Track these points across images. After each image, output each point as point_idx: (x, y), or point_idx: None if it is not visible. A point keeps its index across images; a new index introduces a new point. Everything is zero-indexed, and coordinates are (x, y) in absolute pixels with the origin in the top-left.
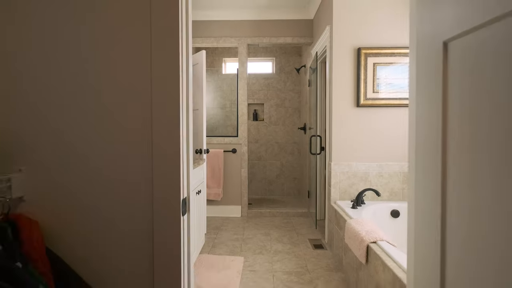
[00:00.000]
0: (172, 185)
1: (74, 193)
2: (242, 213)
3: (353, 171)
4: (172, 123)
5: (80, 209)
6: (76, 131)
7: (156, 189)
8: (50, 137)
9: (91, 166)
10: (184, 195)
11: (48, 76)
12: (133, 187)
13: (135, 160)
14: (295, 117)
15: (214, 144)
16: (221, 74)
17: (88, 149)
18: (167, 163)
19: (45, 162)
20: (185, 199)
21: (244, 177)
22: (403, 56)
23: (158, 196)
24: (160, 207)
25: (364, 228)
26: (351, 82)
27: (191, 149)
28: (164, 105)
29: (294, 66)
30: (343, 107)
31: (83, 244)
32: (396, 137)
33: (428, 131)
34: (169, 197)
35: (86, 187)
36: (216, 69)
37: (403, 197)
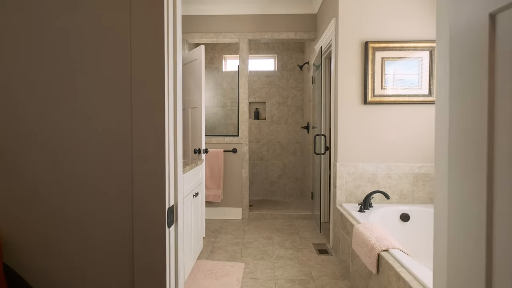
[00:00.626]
0: (155, 191)
1: (40, 199)
2: (242, 215)
3: (360, 172)
4: (155, 121)
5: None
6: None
7: (137, 196)
8: (16, 138)
9: (60, 166)
10: (171, 203)
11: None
12: (110, 194)
13: (112, 162)
14: (297, 116)
15: (214, 143)
16: (221, 72)
17: (55, 147)
18: (149, 166)
19: (8, 163)
20: (172, 207)
21: (245, 178)
22: (413, 50)
23: (139, 205)
24: (141, 217)
25: (374, 234)
26: (358, 78)
27: (179, 150)
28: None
29: (297, 63)
30: (350, 105)
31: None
32: (406, 136)
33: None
34: (152, 206)
35: (54, 191)
36: (216, 66)
37: (412, 200)
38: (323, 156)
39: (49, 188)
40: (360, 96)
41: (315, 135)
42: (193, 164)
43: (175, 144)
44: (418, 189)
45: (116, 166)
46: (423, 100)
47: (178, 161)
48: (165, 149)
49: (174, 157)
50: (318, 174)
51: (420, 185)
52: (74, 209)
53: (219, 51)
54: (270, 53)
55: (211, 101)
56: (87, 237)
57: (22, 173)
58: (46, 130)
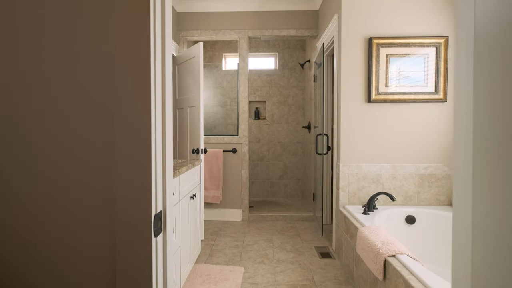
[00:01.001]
0: (140, 196)
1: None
2: (242, 216)
3: (364, 172)
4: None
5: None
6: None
7: (120, 202)
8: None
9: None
10: (159, 209)
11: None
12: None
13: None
14: (299, 115)
15: (213, 143)
16: (221, 70)
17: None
18: (133, 168)
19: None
20: (160, 214)
21: (245, 178)
22: (419, 47)
23: (121, 212)
24: (123, 225)
25: (379, 238)
26: (361, 75)
27: (169, 151)
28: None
29: (298, 61)
30: (353, 103)
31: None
32: (411, 135)
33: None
34: (136, 213)
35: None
36: (216, 65)
37: (418, 202)
38: (325, 156)
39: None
40: (364, 94)
41: (317, 135)
42: (190, 165)
43: (163, 144)
44: (424, 190)
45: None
46: (429, 98)
47: (167, 163)
48: (151, 150)
49: (163, 158)
50: (320, 174)
51: (426, 186)
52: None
53: (219, 49)
54: (271, 51)
55: (211, 100)
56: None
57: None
58: (25, 129)
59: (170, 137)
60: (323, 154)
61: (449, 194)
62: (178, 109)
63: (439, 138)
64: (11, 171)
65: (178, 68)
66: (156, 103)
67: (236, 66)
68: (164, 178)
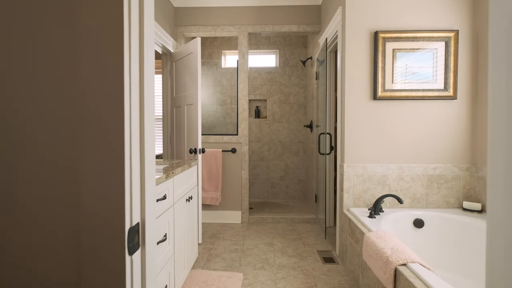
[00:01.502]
0: (109, 205)
1: None
2: (242, 219)
3: (369, 173)
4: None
5: None
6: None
7: (86, 214)
8: None
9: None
10: (135, 221)
11: None
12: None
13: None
14: (300, 114)
15: (212, 143)
16: (220, 68)
17: None
18: (101, 172)
19: None
20: (137, 226)
21: (245, 179)
22: (427, 41)
23: (87, 227)
24: (90, 242)
25: (388, 244)
26: (366, 71)
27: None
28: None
29: (299, 59)
30: (358, 101)
31: None
32: (419, 134)
33: None
34: (105, 226)
35: None
36: (215, 62)
37: (426, 204)
38: (328, 157)
39: None
40: (369, 91)
41: (320, 134)
42: (185, 166)
43: (141, 143)
44: (433, 192)
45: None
46: (438, 95)
47: (147, 166)
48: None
49: (141, 160)
50: (322, 175)
51: (435, 188)
52: None
53: (218, 47)
54: (271, 48)
55: (210, 99)
56: None
57: None
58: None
59: (150, 135)
60: (326, 154)
61: (459, 196)
62: (175, 108)
63: (448, 137)
64: None
65: (175, 65)
66: (132, 94)
67: (235, 64)
68: (142, 183)
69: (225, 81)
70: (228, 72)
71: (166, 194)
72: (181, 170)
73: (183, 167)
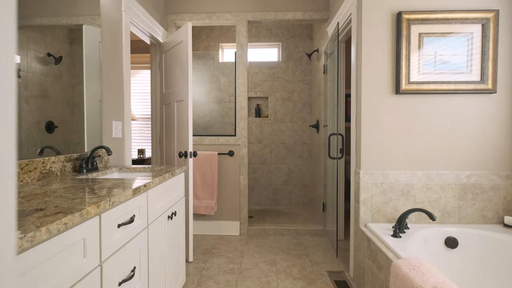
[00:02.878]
0: None
1: None
2: (241, 230)
3: (390, 182)
4: None
5: None
6: None
7: None
8: None
9: None
10: None
11: None
12: None
13: None
14: (305, 113)
15: (207, 145)
16: (217, 63)
17: None
18: None
19: None
20: None
21: (244, 185)
22: (461, 23)
23: None
24: None
25: (429, 281)
26: (387, 60)
27: None
28: None
29: (304, 52)
30: (377, 95)
31: None
32: (451, 135)
33: None
34: None
35: None
36: (212, 56)
37: (459, 219)
38: (339, 161)
39: None
40: (391, 84)
41: (330, 135)
42: (167, 175)
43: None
44: (467, 204)
45: None
46: (473, 88)
47: None
48: None
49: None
50: (332, 182)
51: (469, 199)
52: None
53: (215, 39)
54: (273, 41)
55: (206, 97)
56: None
57: None
58: None
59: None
60: (337, 159)
61: (498, 210)
62: (165, 105)
63: (485, 139)
64: None
65: (164, 56)
66: None
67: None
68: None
69: (223, 77)
70: (226, 67)
71: (135, 215)
72: (160, 181)
73: (163, 177)
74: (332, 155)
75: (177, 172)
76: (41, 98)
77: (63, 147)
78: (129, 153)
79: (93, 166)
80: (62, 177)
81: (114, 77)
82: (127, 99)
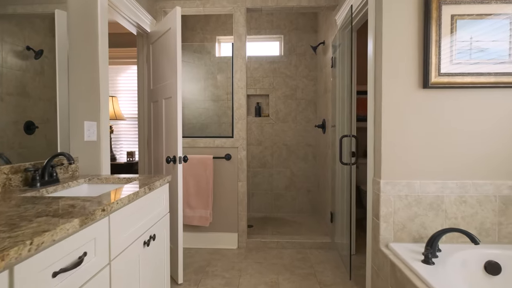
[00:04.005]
0: None
1: None
2: (239, 243)
3: (417, 194)
4: None
5: None
6: None
7: None
8: None
9: None
10: None
11: None
12: None
13: None
14: (309, 112)
15: (201, 147)
16: (214, 57)
17: None
18: None
19: None
20: None
21: (242, 193)
22: (502, 3)
23: None
24: None
25: None
26: (413, 48)
27: None
28: None
29: (309, 45)
30: (400, 91)
31: None
32: (490, 138)
33: None
34: None
35: None
36: (208, 51)
37: (498, 238)
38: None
39: None
40: (417, 77)
41: (342, 137)
42: (142, 190)
43: None
44: (508, 220)
45: None
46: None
47: None
48: None
49: None
50: (342, 189)
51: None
52: None
53: (211, 32)
54: (275, 33)
55: (202, 94)
56: None
57: None
58: None
59: None
60: (351, 165)
61: None
62: (153, 103)
63: None
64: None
65: (152, 48)
66: None
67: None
68: None
69: (220, 73)
70: (223, 62)
71: (86, 252)
72: (130, 200)
73: (135, 194)
74: (345, 160)
75: (157, 185)
76: (19, 95)
77: (45, 150)
78: (106, 158)
79: (52, 177)
80: (4, 195)
81: (88, 70)
82: (104, 96)
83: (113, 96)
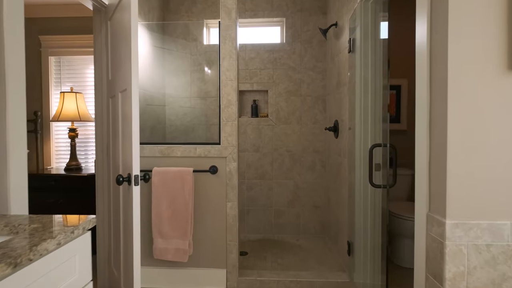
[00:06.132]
0: None
1: None
2: (228, 282)
3: (506, 243)
4: None
5: None
6: None
7: None
8: None
9: None
10: None
11: None
12: None
13: None
14: (317, 111)
15: (177, 157)
16: (202, 46)
17: None
18: None
19: None
20: None
21: (232, 217)
22: None
23: None
24: None
25: None
26: (494, 17)
27: None
28: None
29: (317, 27)
30: (477, 75)
31: None
32: None
33: None
34: None
35: None
36: (194, 37)
37: None
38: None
39: None
40: (504, 54)
41: (373, 146)
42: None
43: None
44: None
45: None
46: None
47: None
48: None
49: None
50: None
51: None
52: None
53: (198, 14)
54: (275, 16)
55: (187, 90)
56: None
57: None
58: None
59: None
60: (383, 187)
61: None
62: (111, 99)
63: None
64: None
65: (110, 25)
66: None
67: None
68: None
69: (209, 64)
70: (214, 51)
71: None
72: None
73: None
74: (377, 182)
75: (62, 242)
76: None
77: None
78: (22, 181)
79: None
80: None
81: None
82: (13, 91)
83: (78, 93)
